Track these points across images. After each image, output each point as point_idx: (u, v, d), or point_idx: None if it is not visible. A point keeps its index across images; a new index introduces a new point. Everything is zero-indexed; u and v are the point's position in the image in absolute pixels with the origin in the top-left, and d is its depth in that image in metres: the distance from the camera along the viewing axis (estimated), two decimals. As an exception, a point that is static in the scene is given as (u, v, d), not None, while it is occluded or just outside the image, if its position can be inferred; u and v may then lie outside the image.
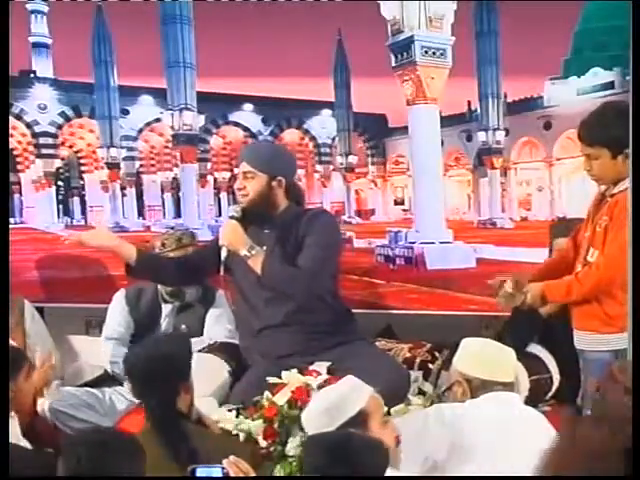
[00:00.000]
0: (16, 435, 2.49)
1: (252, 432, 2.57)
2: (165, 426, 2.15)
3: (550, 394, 2.98)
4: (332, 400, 2.12)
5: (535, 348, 3.05)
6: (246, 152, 3.08)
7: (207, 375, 2.88)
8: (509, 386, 2.44)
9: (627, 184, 2.43)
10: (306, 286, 2.88)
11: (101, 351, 3.46)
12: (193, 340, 3.24)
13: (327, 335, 2.95)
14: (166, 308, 3.45)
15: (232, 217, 2.90)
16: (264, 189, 2.94)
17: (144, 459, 1.73)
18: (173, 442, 2.10)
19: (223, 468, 1.80)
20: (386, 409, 2.26)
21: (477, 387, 2.41)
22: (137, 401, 3.02)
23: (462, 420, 2.29)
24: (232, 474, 1.80)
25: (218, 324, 3.40)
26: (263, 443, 2.54)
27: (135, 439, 1.81)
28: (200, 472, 1.79)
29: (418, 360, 3.10)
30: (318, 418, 2.10)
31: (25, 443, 2.50)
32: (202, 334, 3.39)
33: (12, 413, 2.54)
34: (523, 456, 2.20)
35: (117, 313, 3.48)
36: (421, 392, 2.88)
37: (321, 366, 2.81)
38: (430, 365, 3.03)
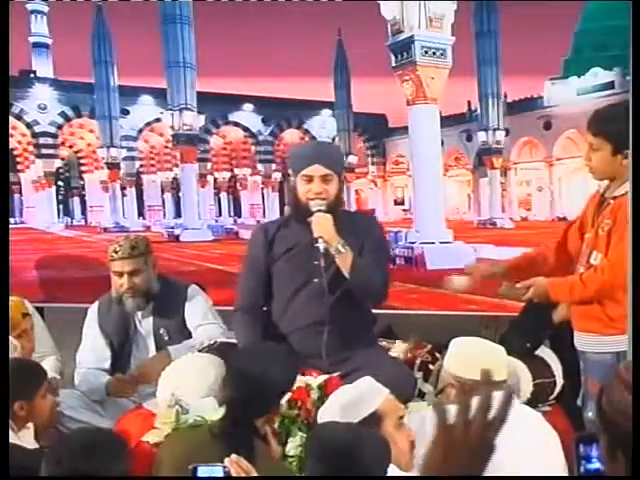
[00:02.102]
0: (29, 440, 2.49)
1: (252, 432, 2.56)
2: (236, 438, 2.03)
3: (552, 396, 2.97)
4: (348, 399, 2.13)
5: (542, 350, 3.03)
6: (317, 154, 2.92)
7: (207, 375, 2.87)
8: (501, 385, 2.43)
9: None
10: (387, 289, 2.94)
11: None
12: (188, 342, 3.25)
13: (355, 335, 2.96)
14: (137, 313, 3.37)
15: (320, 211, 2.82)
16: (339, 190, 2.92)
17: (129, 458, 1.72)
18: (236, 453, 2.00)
19: (225, 467, 1.80)
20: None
21: (471, 388, 2.40)
22: (137, 402, 3.06)
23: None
24: (233, 473, 1.79)
25: (210, 322, 3.33)
26: (263, 443, 2.53)
27: (120, 438, 1.80)
28: (201, 471, 1.79)
29: (418, 361, 3.09)
30: (332, 416, 2.11)
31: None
32: (182, 335, 3.26)
33: (29, 424, 2.52)
34: (520, 455, 2.20)
35: (88, 335, 3.36)
36: (421, 393, 2.87)
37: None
38: (430, 366, 3.02)
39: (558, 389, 2.94)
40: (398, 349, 3.20)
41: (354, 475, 1.68)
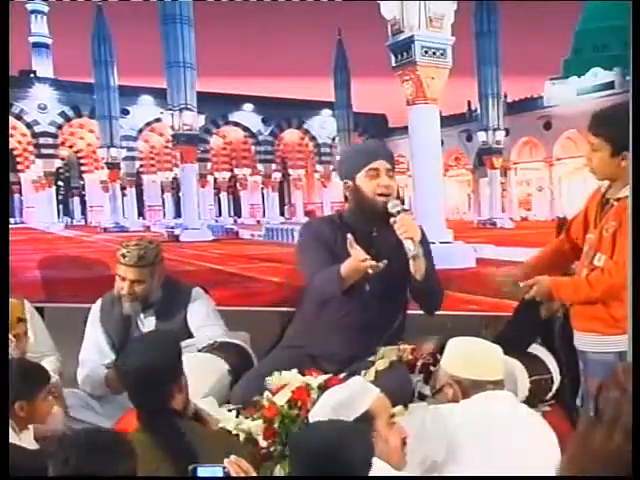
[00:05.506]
0: (29, 441, 2.50)
1: (252, 432, 2.56)
2: (159, 427, 2.14)
3: (550, 394, 2.97)
4: (339, 400, 2.12)
5: (536, 348, 3.05)
6: (379, 150, 2.97)
7: (207, 375, 2.88)
8: (499, 384, 2.43)
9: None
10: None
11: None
12: (190, 341, 3.24)
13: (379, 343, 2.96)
14: (140, 315, 3.35)
15: (399, 212, 2.80)
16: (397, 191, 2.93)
17: (135, 459, 1.72)
18: (168, 441, 2.08)
19: (224, 467, 1.80)
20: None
21: (468, 388, 2.40)
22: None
23: (458, 421, 2.28)
24: (233, 474, 1.79)
25: (211, 323, 3.33)
26: (263, 443, 2.53)
27: (126, 439, 1.80)
28: (201, 472, 1.79)
29: (419, 363, 3.07)
30: (324, 416, 2.10)
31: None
32: (184, 336, 3.21)
33: (30, 426, 2.53)
34: (519, 454, 2.21)
35: (91, 334, 3.39)
36: (421, 396, 2.86)
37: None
38: (432, 368, 3.01)
39: (556, 386, 2.95)
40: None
41: (341, 474, 1.68)
